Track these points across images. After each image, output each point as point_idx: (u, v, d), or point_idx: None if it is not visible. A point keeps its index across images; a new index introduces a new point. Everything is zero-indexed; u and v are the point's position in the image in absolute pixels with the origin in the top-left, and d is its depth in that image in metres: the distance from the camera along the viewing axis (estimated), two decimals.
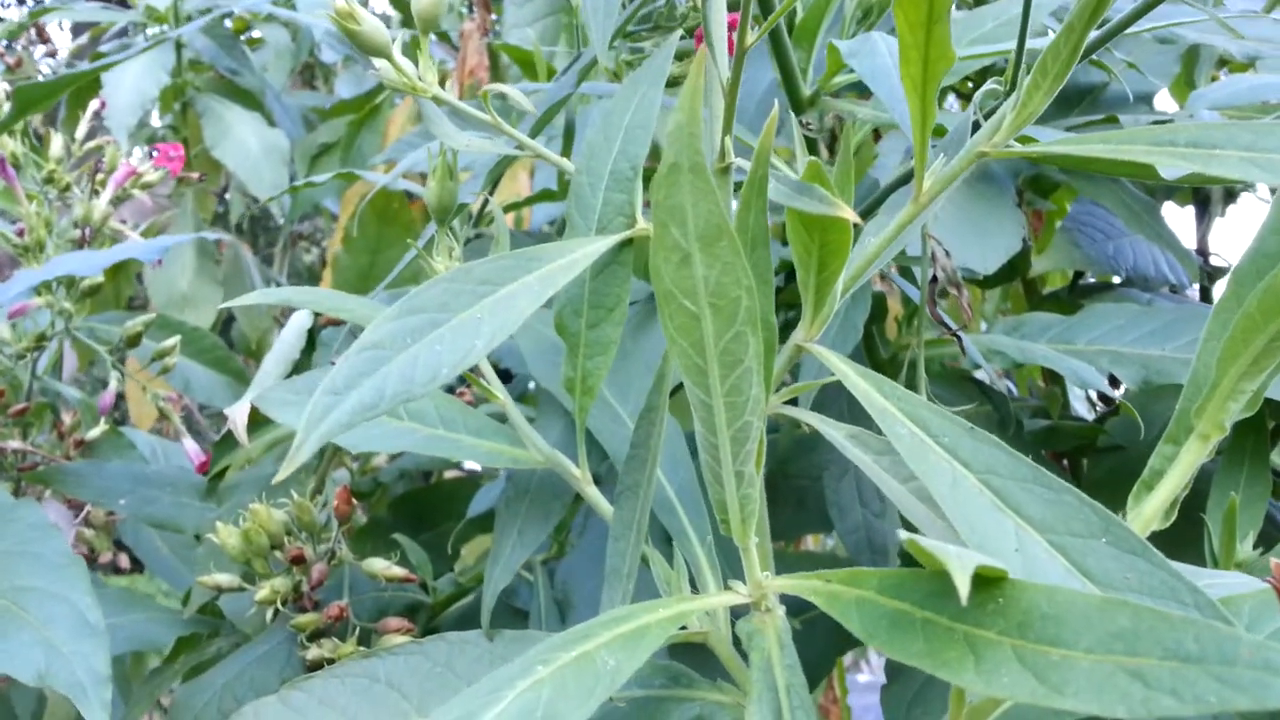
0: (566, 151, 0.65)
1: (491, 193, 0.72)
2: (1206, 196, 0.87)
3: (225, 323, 1.57)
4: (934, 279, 0.53)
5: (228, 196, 1.82)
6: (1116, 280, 0.82)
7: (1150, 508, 0.37)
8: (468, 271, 0.36)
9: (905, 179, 0.49)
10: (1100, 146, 0.35)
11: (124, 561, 1.03)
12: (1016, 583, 0.29)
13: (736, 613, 0.44)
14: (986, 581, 0.30)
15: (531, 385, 0.77)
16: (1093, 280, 0.91)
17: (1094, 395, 0.98)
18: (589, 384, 0.42)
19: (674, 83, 0.62)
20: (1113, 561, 0.32)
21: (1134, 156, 0.33)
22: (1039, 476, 0.34)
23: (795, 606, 0.40)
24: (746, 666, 0.41)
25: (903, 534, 0.31)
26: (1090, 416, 0.93)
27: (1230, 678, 0.24)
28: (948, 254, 0.53)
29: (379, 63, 0.44)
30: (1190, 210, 0.93)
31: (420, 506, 0.87)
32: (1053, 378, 0.90)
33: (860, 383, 0.37)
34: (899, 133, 0.78)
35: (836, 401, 0.58)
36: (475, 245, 0.71)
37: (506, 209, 0.84)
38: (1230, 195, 0.87)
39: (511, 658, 0.46)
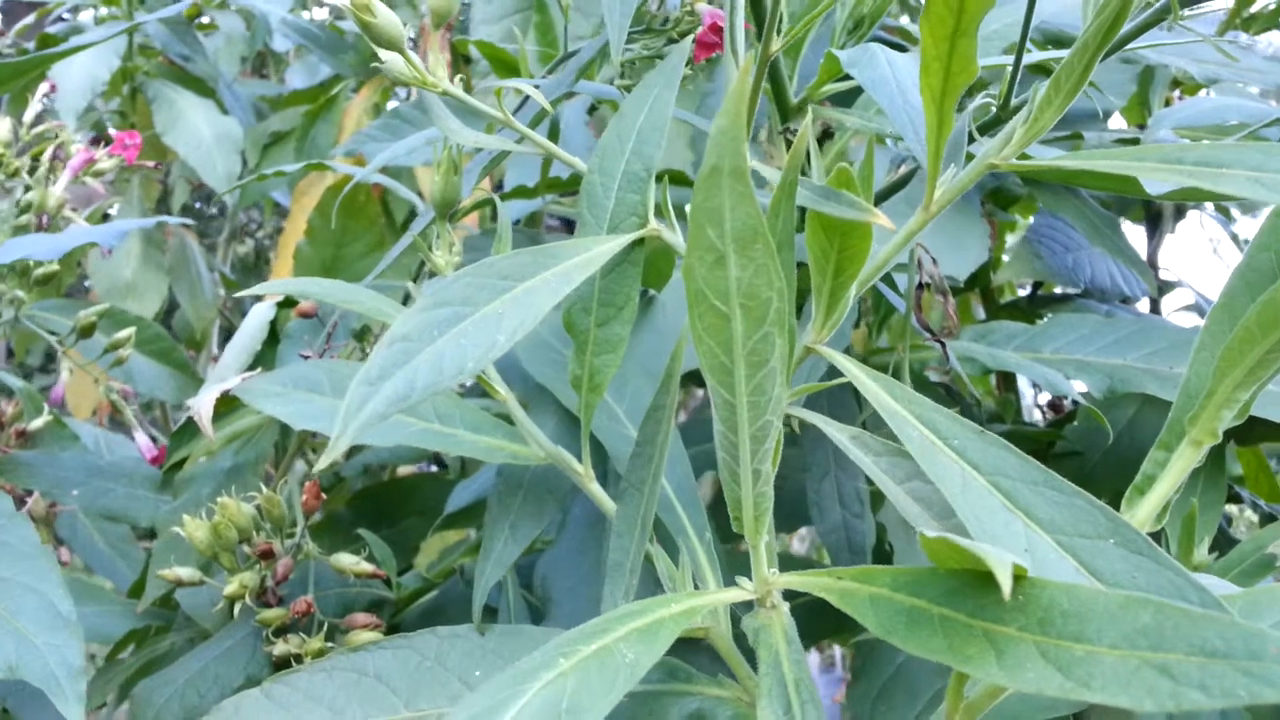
0: None
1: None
2: (1158, 213, 0.90)
3: (166, 313, 1.54)
4: (920, 285, 0.54)
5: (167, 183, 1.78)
6: (1074, 291, 0.84)
7: (1144, 511, 0.38)
8: (489, 266, 0.36)
9: (896, 187, 0.50)
10: (1110, 163, 0.36)
11: (65, 555, 1.01)
12: (1036, 580, 0.30)
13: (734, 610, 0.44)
14: None
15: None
16: (1040, 290, 0.93)
17: (1042, 403, 1.01)
18: (596, 381, 0.42)
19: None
20: (1121, 562, 0.33)
21: (1145, 173, 0.35)
22: (1049, 480, 0.35)
23: None
24: (747, 662, 0.42)
25: (928, 531, 0.31)
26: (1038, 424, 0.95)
27: (1259, 672, 0.25)
28: (934, 261, 0.54)
29: (387, 55, 0.43)
30: (1139, 226, 0.96)
31: (380, 502, 0.87)
32: (1007, 385, 0.92)
33: (871, 385, 0.38)
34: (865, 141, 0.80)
35: (816, 402, 0.59)
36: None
37: (475, 207, 0.84)
38: (1180, 212, 0.90)
39: (504, 652, 0.46)
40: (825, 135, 0.78)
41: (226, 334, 2.02)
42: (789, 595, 0.40)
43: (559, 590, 0.56)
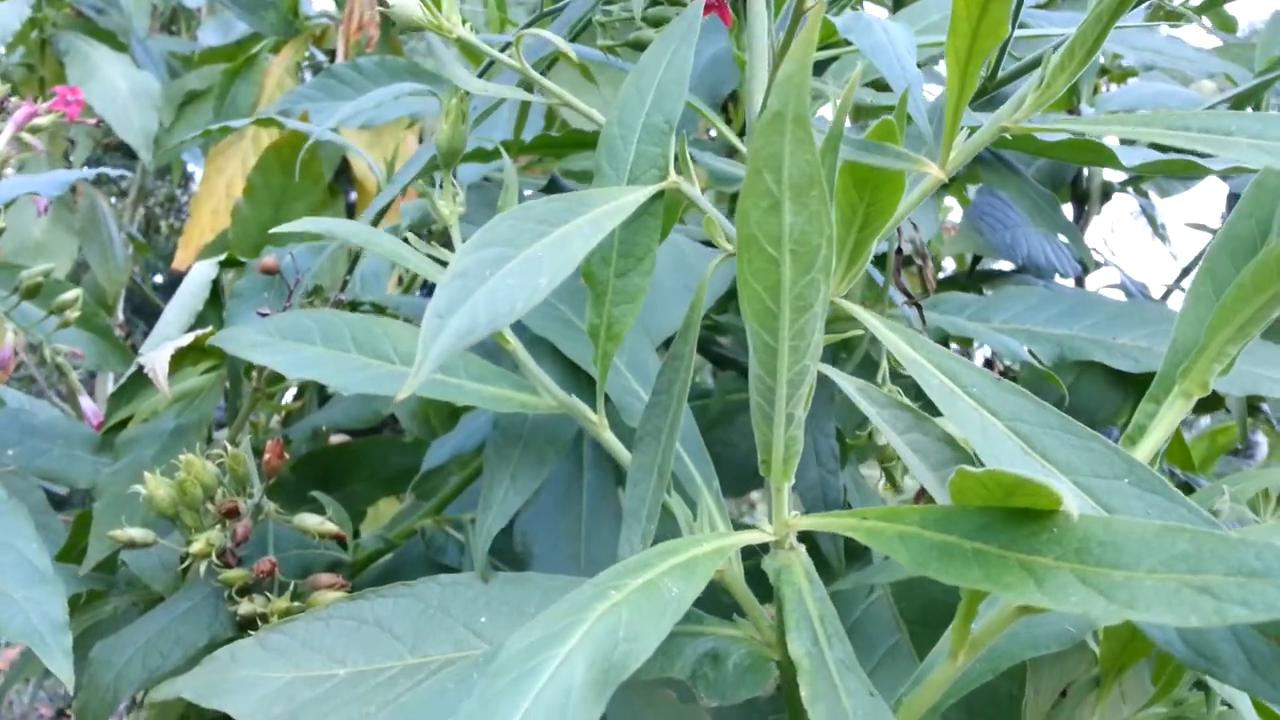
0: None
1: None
2: (1085, 194, 0.95)
3: (75, 277, 1.48)
4: (899, 250, 0.56)
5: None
6: (1010, 268, 0.88)
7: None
8: (528, 210, 0.37)
9: None
10: (1119, 127, 0.38)
11: None
12: (1069, 514, 0.32)
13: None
14: (1038, 514, 0.33)
15: None
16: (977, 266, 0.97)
17: None
18: (615, 331, 0.43)
19: (640, 46, 0.63)
20: (1136, 500, 0.35)
21: (1153, 138, 0.37)
22: (1065, 423, 0.37)
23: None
24: (760, 603, 0.43)
25: (966, 468, 0.33)
26: None
27: None
28: (914, 226, 0.56)
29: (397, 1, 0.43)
30: (1066, 207, 1.00)
31: (326, 467, 0.86)
32: None
33: (891, 335, 0.40)
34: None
35: None
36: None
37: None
38: (1106, 195, 0.94)
39: (508, 598, 0.47)
40: None
41: (130, 300, 1.95)
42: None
43: (540, 546, 0.57)
